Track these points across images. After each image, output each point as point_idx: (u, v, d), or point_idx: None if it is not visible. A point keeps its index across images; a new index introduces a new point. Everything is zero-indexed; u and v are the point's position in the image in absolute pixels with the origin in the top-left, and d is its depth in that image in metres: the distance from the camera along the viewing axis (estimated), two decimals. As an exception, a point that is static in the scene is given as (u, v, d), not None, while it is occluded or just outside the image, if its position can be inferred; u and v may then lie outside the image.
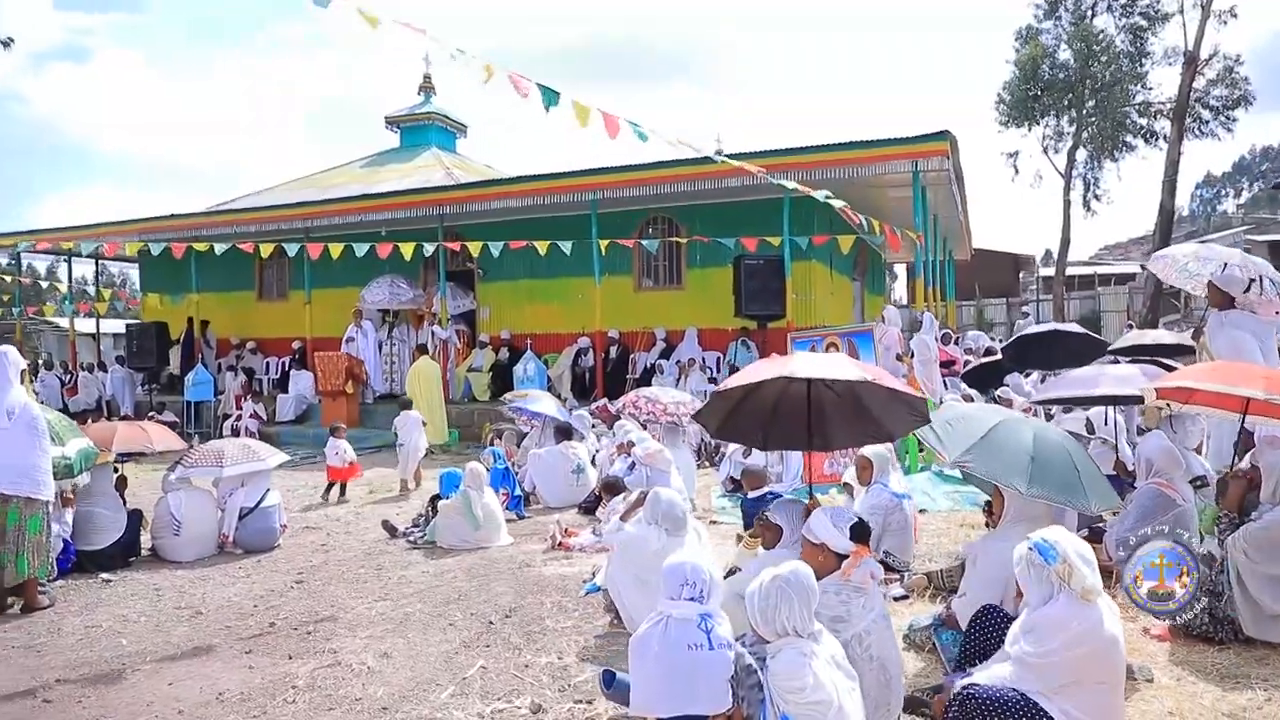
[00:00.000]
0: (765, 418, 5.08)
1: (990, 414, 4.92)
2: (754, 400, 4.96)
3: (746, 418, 5.03)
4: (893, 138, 13.55)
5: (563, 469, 9.33)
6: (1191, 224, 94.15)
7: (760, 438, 5.34)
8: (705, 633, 3.21)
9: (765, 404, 5.01)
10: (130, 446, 7.55)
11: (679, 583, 3.29)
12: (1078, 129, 28.42)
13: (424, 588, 6.28)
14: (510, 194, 15.79)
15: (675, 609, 3.27)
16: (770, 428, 5.14)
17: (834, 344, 9.92)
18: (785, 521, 4.47)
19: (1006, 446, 4.48)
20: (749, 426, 5.17)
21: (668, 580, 3.32)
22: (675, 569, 3.33)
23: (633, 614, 5.08)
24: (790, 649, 3.09)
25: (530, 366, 15.56)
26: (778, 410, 5.04)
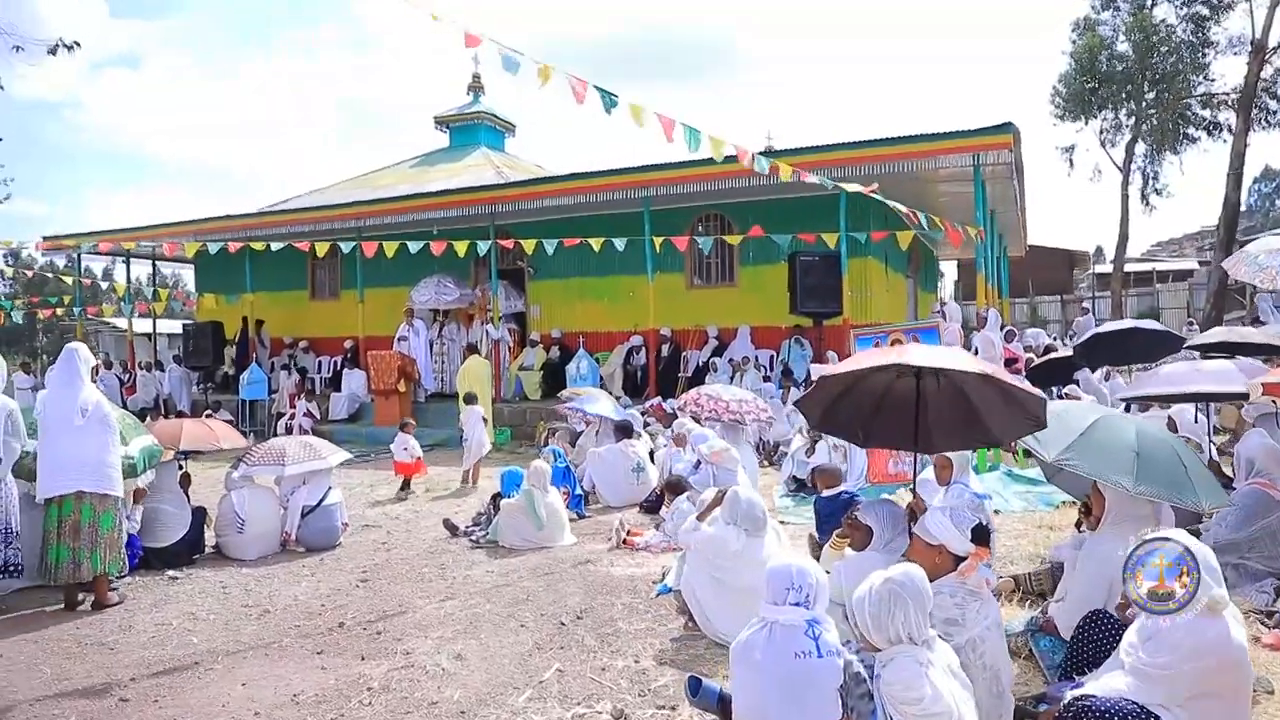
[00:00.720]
0: (868, 412, 4.82)
1: (1086, 410, 4.67)
2: (858, 392, 4.72)
3: (848, 410, 4.78)
4: (953, 131, 13.19)
5: (623, 467, 9.18)
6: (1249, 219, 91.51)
7: (860, 433, 5.06)
8: (813, 639, 3.02)
9: (870, 397, 4.75)
10: (198, 444, 7.56)
11: (784, 586, 3.10)
12: (1136, 121, 27.62)
13: (490, 587, 6.17)
14: (562, 191, 15.70)
15: (780, 614, 3.08)
16: (872, 423, 4.87)
17: (898, 340, 9.64)
18: (876, 522, 4.26)
19: (1109, 443, 4.24)
20: (849, 420, 4.91)
21: (772, 584, 3.13)
22: (780, 572, 3.14)
23: (709, 617, 4.92)
24: (905, 657, 2.90)
25: (583, 365, 15.45)
26: (883, 405, 4.76)
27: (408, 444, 10.50)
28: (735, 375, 14.86)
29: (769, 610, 3.11)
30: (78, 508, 5.82)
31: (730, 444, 8.49)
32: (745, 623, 4.82)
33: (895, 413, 4.69)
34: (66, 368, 6.03)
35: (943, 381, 4.47)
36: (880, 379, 4.60)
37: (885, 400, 4.72)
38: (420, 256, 16.04)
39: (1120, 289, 29.02)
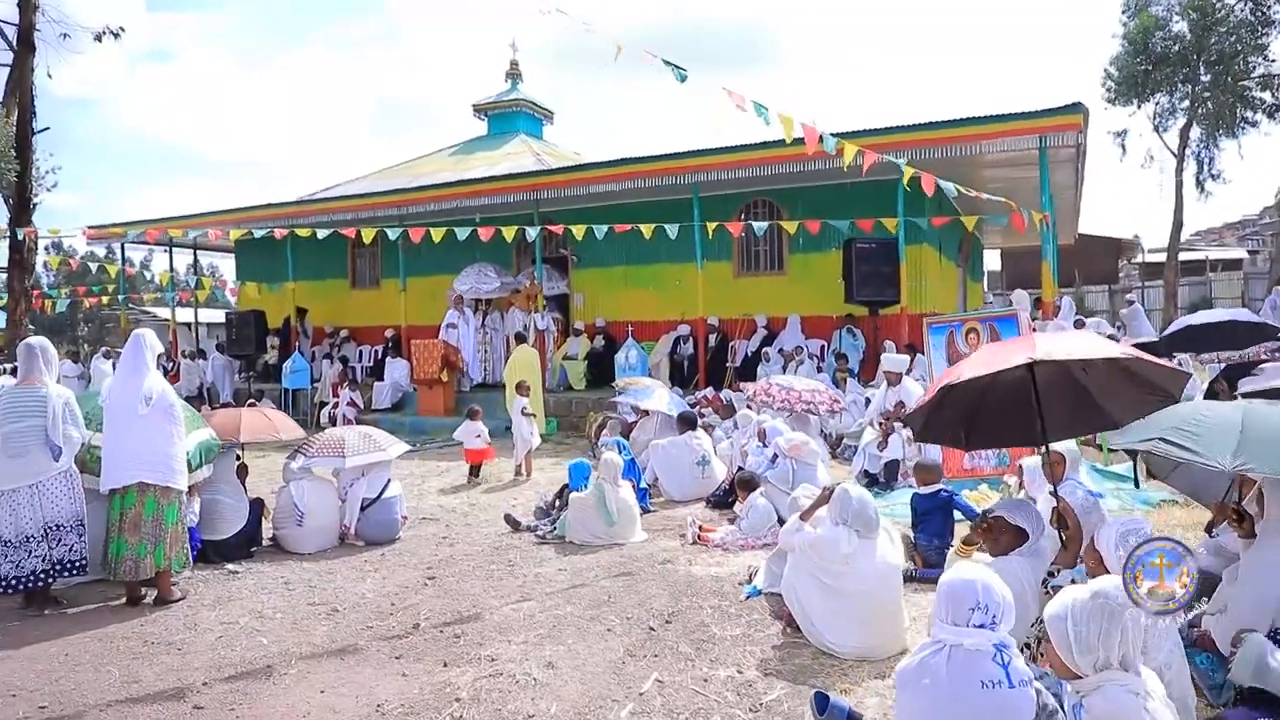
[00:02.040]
0: (968, 412, 4.44)
1: (1219, 408, 4.18)
2: (959, 393, 4.30)
3: (948, 413, 4.40)
4: (1020, 112, 12.65)
5: (687, 460, 8.84)
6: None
7: (962, 435, 4.64)
8: (1002, 666, 2.65)
9: (970, 395, 4.36)
10: (257, 436, 7.31)
11: (967, 605, 2.72)
12: (1192, 105, 26.74)
13: (566, 587, 5.85)
14: (608, 177, 15.33)
15: (964, 637, 2.69)
16: (973, 423, 4.49)
17: (974, 330, 9.19)
18: (1030, 524, 3.86)
19: (1273, 438, 3.82)
20: (951, 423, 4.51)
21: (951, 602, 2.75)
22: (962, 587, 2.76)
23: (816, 624, 4.57)
24: (1115, 686, 2.52)
25: (632, 354, 15.11)
26: (984, 403, 4.39)
27: (480, 431, 10.61)
28: (787, 365, 14.50)
29: (947, 631, 2.73)
30: (140, 500, 5.58)
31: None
32: (856, 631, 4.51)
33: (1000, 408, 4.31)
34: (133, 355, 5.79)
35: (1051, 367, 4.08)
36: (981, 380, 4.20)
37: (987, 397, 4.34)
38: (461, 245, 15.74)
39: (1174, 278, 28.18)
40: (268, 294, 20.60)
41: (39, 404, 5.49)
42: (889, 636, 4.52)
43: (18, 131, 14.88)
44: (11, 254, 15.15)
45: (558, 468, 11.29)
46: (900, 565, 4.63)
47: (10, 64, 15.26)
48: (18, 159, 14.72)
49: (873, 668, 4.36)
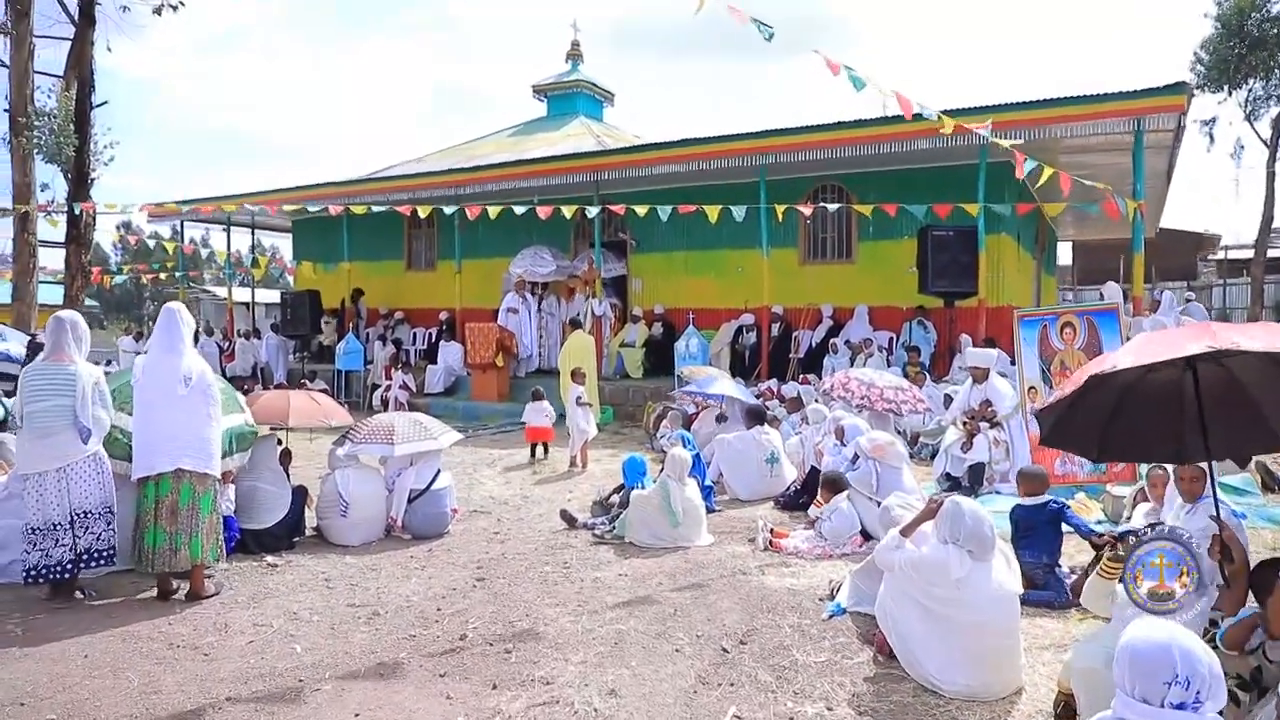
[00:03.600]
0: (1104, 416, 3.73)
1: None
2: (1097, 393, 3.58)
3: (1082, 415, 3.71)
4: (1117, 92, 11.80)
5: (755, 458, 8.25)
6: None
7: (1093, 444, 3.90)
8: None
9: (1108, 399, 3.67)
10: (306, 421, 6.92)
11: (1161, 679, 2.10)
12: (1288, 90, 25.15)
13: (628, 598, 5.32)
14: (671, 159, 14.75)
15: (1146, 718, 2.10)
16: (1109, 431, 3.77)
17: (1070, 324, 8.43)
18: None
19: None
20: (1081, 429, 3.80)
21: (1138, 672, 2.14)
22: (1154, 655, 2.13)
23: (918, 655, 3.97)
24: None
25: (693, 342, 14.54)
26: (1124, 407, 3.69)
27: (547, 410, 10.65)
28: (855, 358, 13.82)
29: (1133, 710, 2.12)
30: (176, 488, 5.19)
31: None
32: (965, 667, 3.88)
33: (1144, 415, 3.59)
34: (168, 331, 5.37)
35: (1217, 370, 3.38)
36: (1124, 376, 3.50)
37: (1126, 400, 3.62)
38: (518, 227, 15.33)
39: (1262, 275, 26.66)
40: (324, 274, 20.44)
41: (68, 382, 5.12)
42: (1004, 675, 3.90)
43: (77, 107, 14.76)
44: (69, 229, 15.06)
45: (614, 459, 10.77)
46: (1018, 592, 4.00)
47: (71, 37, 15.14)
48: (76, 134, 14.60)
49: (985, 710, 3.75)
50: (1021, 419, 8.30)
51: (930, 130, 12.82)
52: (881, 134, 13.12)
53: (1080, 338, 8.34)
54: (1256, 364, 3.16)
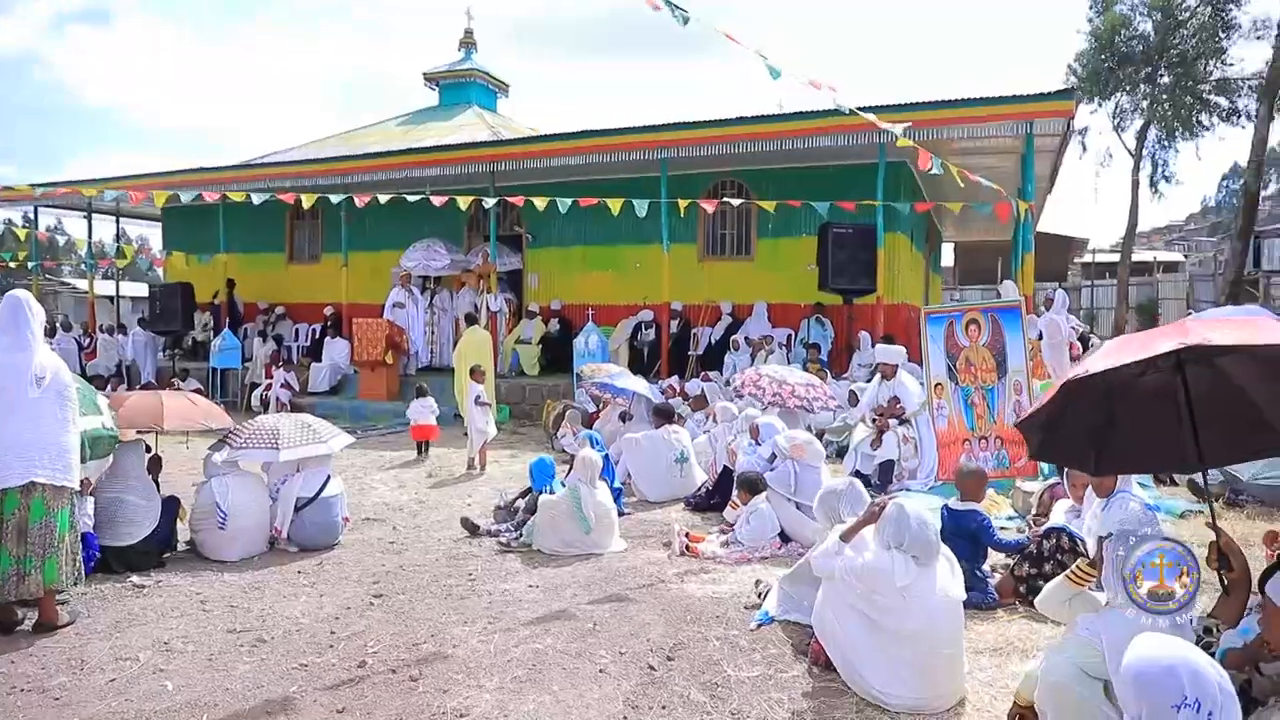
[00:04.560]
0: (1098, 425, 3.47)
1: None
2: (1084, 401, 3.36)
3: (1072, 424, 3.44)
4: (1011, 95, 12.08)
5: (664, 457, 7.98)
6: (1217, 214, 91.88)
7: (1090, 455, 3.61)
8: None
9: (1098, 405, 3.42)
10: (183, 423, 6.24)
11: (1170, 702, 1.93)
12: (1151, 105, 26.70)
13: (542, 612, 4.93)
14: (569, 150, 14.36)
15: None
16: (1104, 440, 3.51)
17: (975, 321, 8.48)
18: (1110, 558, 3.02)
19: None
20: (1074, 439, 3.53)
21: (1146, 695, 1.94)
22: (1161, 677, 1.96)
23: (859, 668, 3.75)
24: None
25: (592, 339, 14.19)
26: (1115, 414, 3.46)
27: (432, 406, 10.30)
28: (756, 354, 13.78)
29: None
30: (25, 504, 4.50)
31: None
32: (911, 679, 3.65)
33: (1137, 421, 3.38)
34: (14, 324, 4.63)
35: (1206, 371, 3.24)
36: (1113, 379, 3.28)
37: (1117, 405, 3.40)
38: (409, 220, 14.69)
39: (1127, 277, 28.23)
40: (197, 266, 19.16)
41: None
42: (948, 685, 3.72)
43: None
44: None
45: (514, 461, 10.37)
46: (962, 598, 3.83)
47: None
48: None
49: (932, 725, 3.56)
50: (929, 415, 8.31)
51: (829, 127, 12.93)
52: (782, 130, 13.10)
53: (985, 334, 8.40)
54: (1250, 363, 3.01)
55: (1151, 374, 3.17)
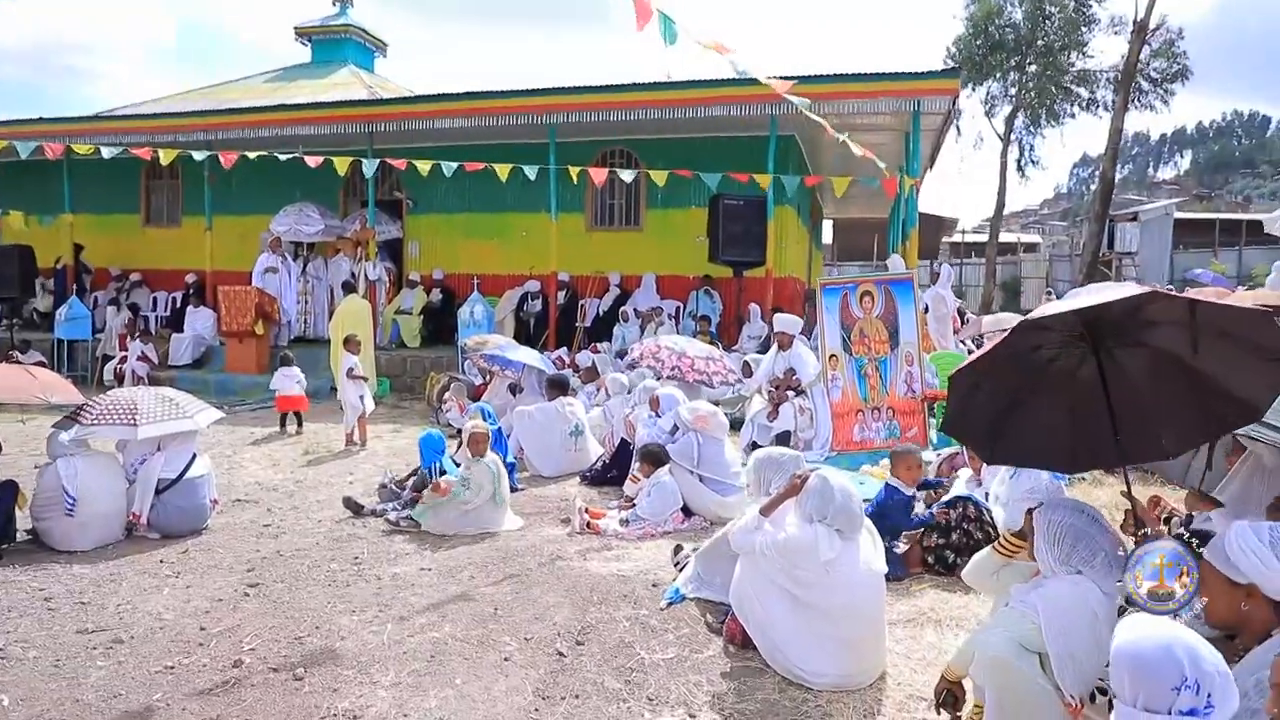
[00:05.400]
0: (1003, 406, 3.22)
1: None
2: (991, 380, 3.12)
3: (984, 400, 3.16)
4: (900, 72, 12.25)
5: (559, 431, 7.69)
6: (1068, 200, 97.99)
7: (985, 439, 3.40)
8: None
9: (1012, 382, 3.15)
10: (18, 396, 5.53)
11: (1169, 685, 1.80)
12: (1019, 92, 27.88)
13: (438, 597, 4.60)
14: (453, 112, 13.73)
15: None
16: (1002, 425, 3.27)
17: (869, 293, 8.52)
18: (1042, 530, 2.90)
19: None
20: (979, 418, 3.26)
21: (1143, 678, 1.82)
22: (1159, 659, 1.83)
23: (780, 646, 3.61)
24: None
25: (478, 309, 13.71)
26: (1019, 402, 3.22)
27: (297, 376, 9.66)
28: (645, 326, 13.64)
29: (1125, 717, 1.81)
30: None
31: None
32: (835, 655, 3.51)
33: (1047, 409, 3.19)
34: None
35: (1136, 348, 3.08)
36: (1027, 362, 3.08)
37: (1024, 396, 3.18)
38: (280, 182, 13.80)
39: (994, 256, 29.52)
40: (38, 228, 17.49)
41: None
42: (871, 660, 3.62)
43: None
44: None
45: (397, 436, 9.88)
46: (884, 571, 3.72)
47: None
48: None
49: (856, 701, 3.44)
50: (824, 387, 8.32)
51: (720, 97, 12.82)
52: (672, 99, 12.91)
53: (878, 306, 8.46)
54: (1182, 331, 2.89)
55: (1062, 360, 3.04)
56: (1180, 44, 26.21)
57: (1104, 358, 2.92)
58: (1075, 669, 2.73)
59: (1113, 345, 2.93)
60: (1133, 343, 2.91)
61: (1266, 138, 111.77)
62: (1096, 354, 2.94)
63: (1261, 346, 2.75)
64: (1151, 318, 2.77)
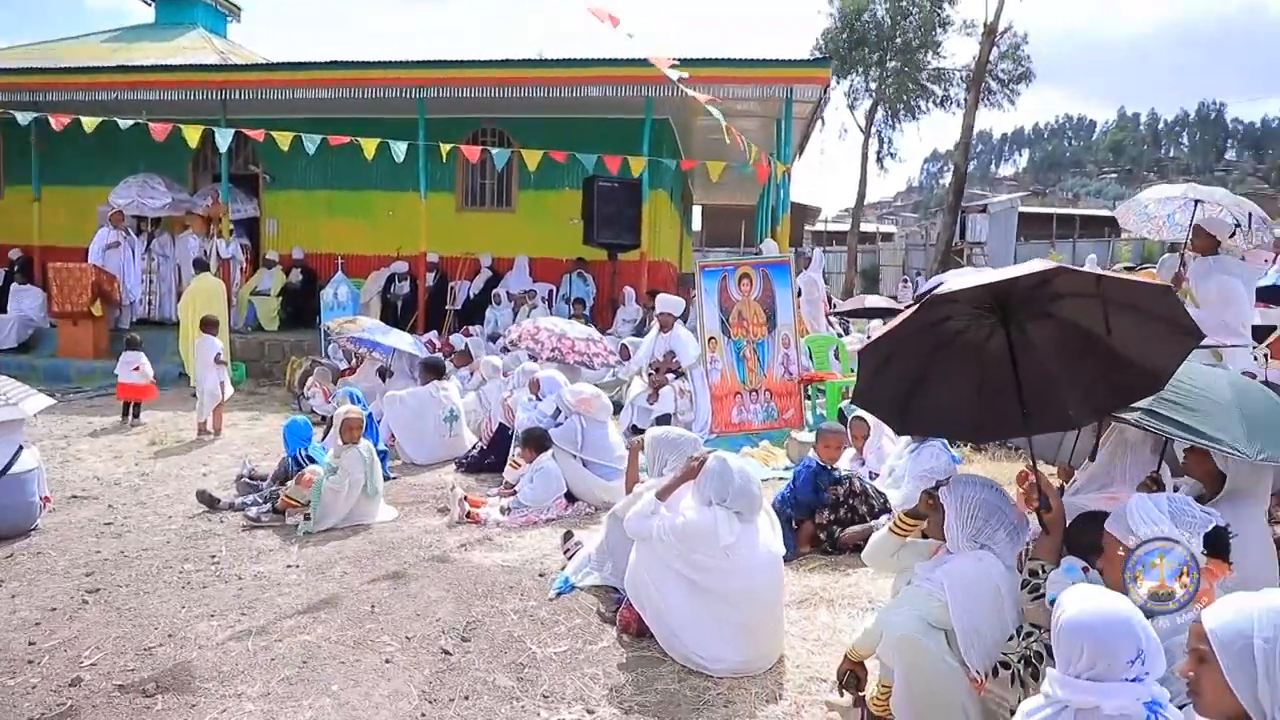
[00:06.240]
0: (915, 378, 3.17)
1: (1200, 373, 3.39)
2: (900, 356, 3.08)
3: (895, 373, 3.11)
4: (774, 59, 12.43)
5: (433, 416, 7.35)
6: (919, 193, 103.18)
7: (896, 409, 3.30)
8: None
9: (922, 352, 3.10)
10: None
11: (1126, 657, 1.82)
12: (880, 87, 28.89)
13: (308, 598, 4.24)
14: (316, 82, 13.00)
15: (1111, 698, 1.80)
16: (911, 397, 3.21)
17: (747, 275, 8.54)
18: (955, 506, 2.90)
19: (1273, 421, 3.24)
20: (889, 390, 3.19)
21: (1102, 650, 1.82)
22: (1118, 630, 1.84)
23: (678, 632, 3.50)
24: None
25: (342, 291, 13.03)
26: (928, 376, 3.17)
27: (139, 362, 8.84)
28: (519, 309, 13.36)
29: (1078, 690, 1.83)
30: None
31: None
32: (736, 641, 3.43)
33: (955, 382, 3.14)
34: None
35: (1044, 320, 3.04)
36: (935, 336, 3.04)
37: (933, 369, 3.13)
38: (120, 151, 12.76)
39: (855, 244, 30.55)
40: None
41: None
42: (770, 644, 3.55)
43: None
44: None
45: (256, 424, 9.27)
46: (782, 553, 3.65)
47: None
48: None
49: (756, 687, 3.36)
50: (704, 369, 8.29)
51: (595, 77, 12.63)
52: (546, 76, 12.69)
53: (756, 289, 8.50)
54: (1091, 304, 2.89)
55: (968, 334, 3.03)
56: (1025, 48, 27.79)
57: (1013, 330, 2.92)
58: (980, 644, 2.72)
59: (1023, 318, 2.93)
60: (1040, 315, 2.92)
61: (1093, 140, 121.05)
62: (1005, 327, 2.93)
63: (1163, 318, 2.80)
64: (1059, 290, 2.78)
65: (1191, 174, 76.73)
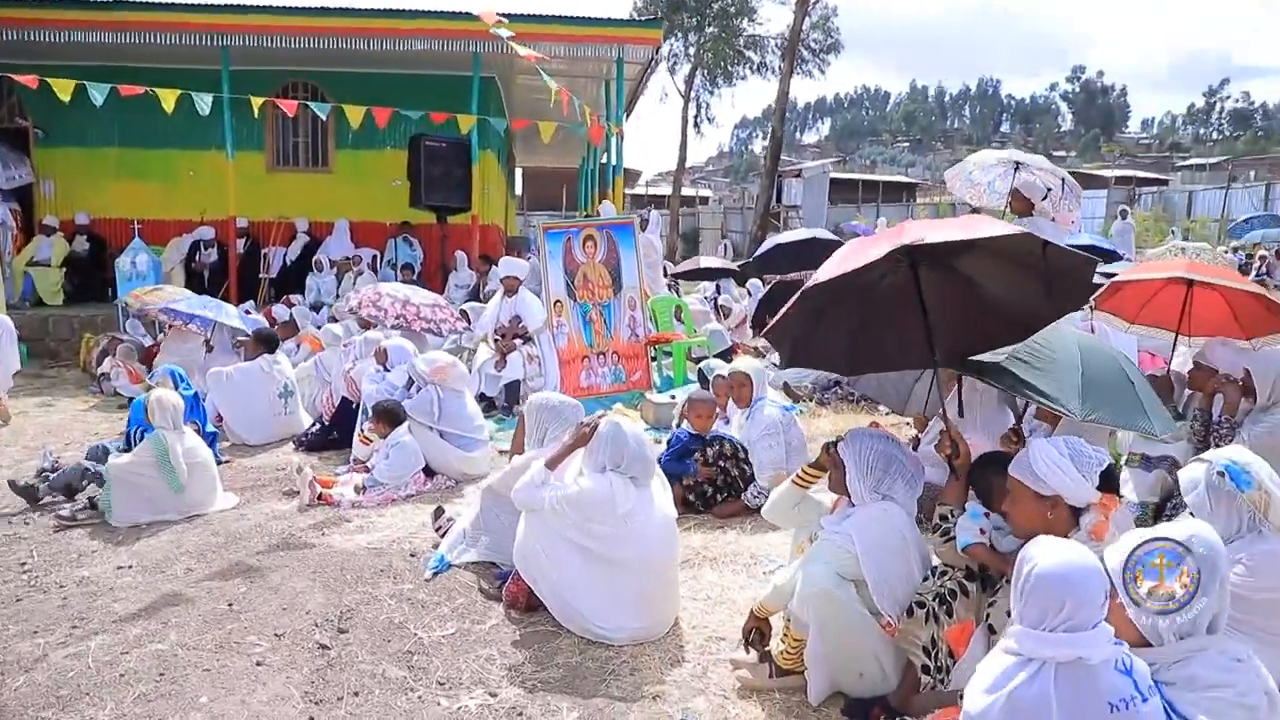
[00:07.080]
0: (851, 329, 3.34)
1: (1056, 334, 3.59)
2: (836, 306, 3.20)
3: (827, 332, 3.29)
4: (605, 18, 12.27)
5: (265, 393, 6.78)
6: (730, 159, 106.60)
7: (842, 358, 3.52)
8: (1126, 674, 1.87)
9: (852, 308, 3.26)
10: None
11: (1097, 603, 1.89)
12: (697, 52, 29.30)
13: (150, 600, 3.78)
14: (98, 24, 11.62)
15: (1092, 648, 1.84)
16: (858, 344, 3.39)
17: (591, 237, 8.40)
18: (854, 459, 2.95)
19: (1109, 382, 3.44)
20: (829, 345, 3.38)
21: (1080, 601, 1.87)
22: (1089, 579, 1.90)
23: (574, 603, 3.40)
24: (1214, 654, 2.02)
25: (141, 259, 11.85)
26: (866, 318, 3.31)
27: None
28: (343, 276, 12.65)
29: (1042, 643, 1.86)
30: None
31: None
32: (633, 609, 3.36)
33: (883, 323, 3.27)
34: None
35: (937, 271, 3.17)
36: (860, 282, 3.15)
37: (869, 312, 3.28)
38: None
39: (678, 208, 31.04)
40: None
41: None
42: (667, 608, 3.49)
43: None
44: None
45: (49, 411, 8.28)
46: (675, 515, 3.60)
47: None
48: None
49: (658, 651, 3.30)
50: (550, 334, 8.12)
51: (418, 30, 12.02)
52: (365, 27, 11.95)
53: (601, 250, 8.40)
54: (983, 262, 3.00)
55: (891, 277, 3.08)
56: (835, 20, 28.98)
57: (921, 274, 2.98)
58: (891, 592, 2.79)
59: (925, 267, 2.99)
60: (938, 265, 3.00)
61: (887, 110, 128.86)
62: (915, 270, 3.00)
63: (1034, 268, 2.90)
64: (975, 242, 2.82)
65: (973, 144, 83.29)
